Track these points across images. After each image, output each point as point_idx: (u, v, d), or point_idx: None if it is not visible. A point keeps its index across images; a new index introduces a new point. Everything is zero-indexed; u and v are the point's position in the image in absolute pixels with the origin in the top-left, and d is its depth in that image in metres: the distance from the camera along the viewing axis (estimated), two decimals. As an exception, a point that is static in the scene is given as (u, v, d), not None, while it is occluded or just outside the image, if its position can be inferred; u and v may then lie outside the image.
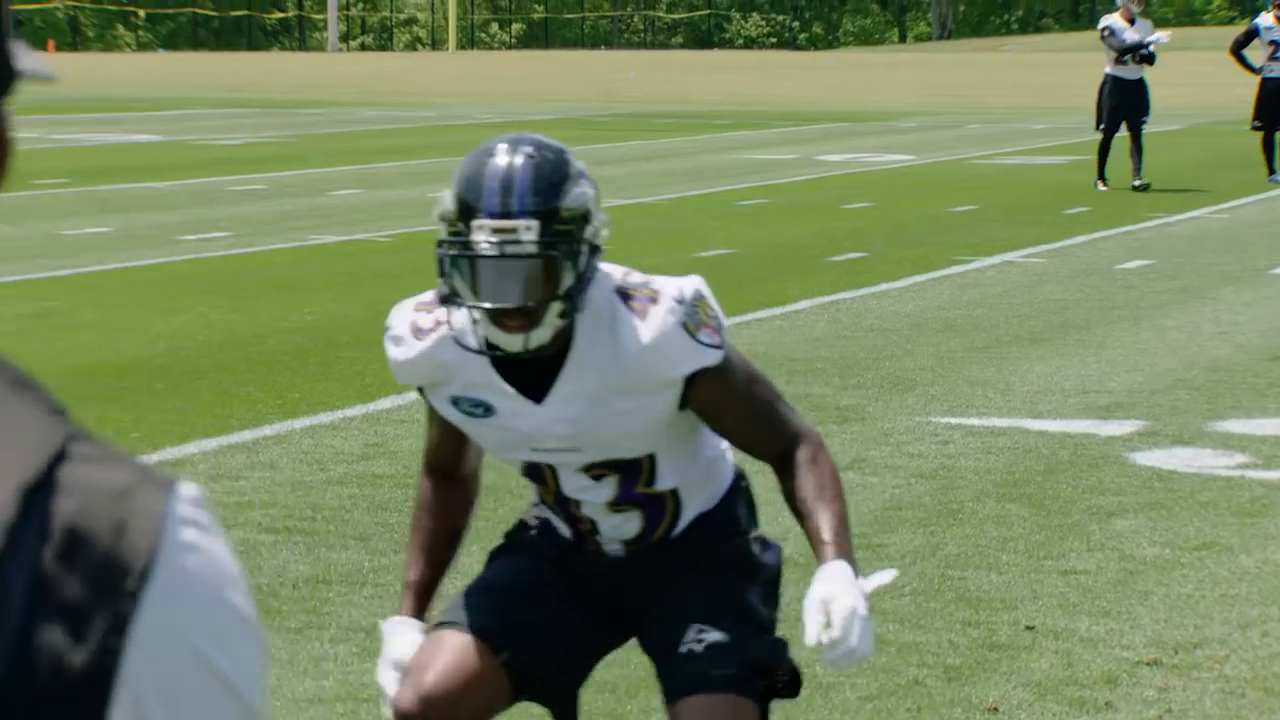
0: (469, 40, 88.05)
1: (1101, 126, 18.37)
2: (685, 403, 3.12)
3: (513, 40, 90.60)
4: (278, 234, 14.12)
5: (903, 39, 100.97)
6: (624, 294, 3.10)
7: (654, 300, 3.09)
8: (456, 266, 3.02)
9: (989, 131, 27.92)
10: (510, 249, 2.95)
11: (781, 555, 3.47)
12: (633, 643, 3.38)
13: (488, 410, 3.17)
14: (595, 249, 3.14)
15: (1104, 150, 18.27)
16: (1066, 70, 54.16)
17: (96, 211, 15.59)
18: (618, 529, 3.25)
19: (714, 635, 3.17)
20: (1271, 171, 18.79)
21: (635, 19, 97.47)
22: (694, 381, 3.09)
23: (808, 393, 8.14)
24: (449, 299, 3.05)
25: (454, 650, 3.21)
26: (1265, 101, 18.82)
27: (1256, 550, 5.79)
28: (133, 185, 18.04)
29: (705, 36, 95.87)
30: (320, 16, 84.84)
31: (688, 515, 3.32)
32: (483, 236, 2.98)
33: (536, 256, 2.96)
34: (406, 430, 7.37)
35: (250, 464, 6.78)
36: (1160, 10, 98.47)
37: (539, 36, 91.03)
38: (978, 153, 23.50)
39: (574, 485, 3.25)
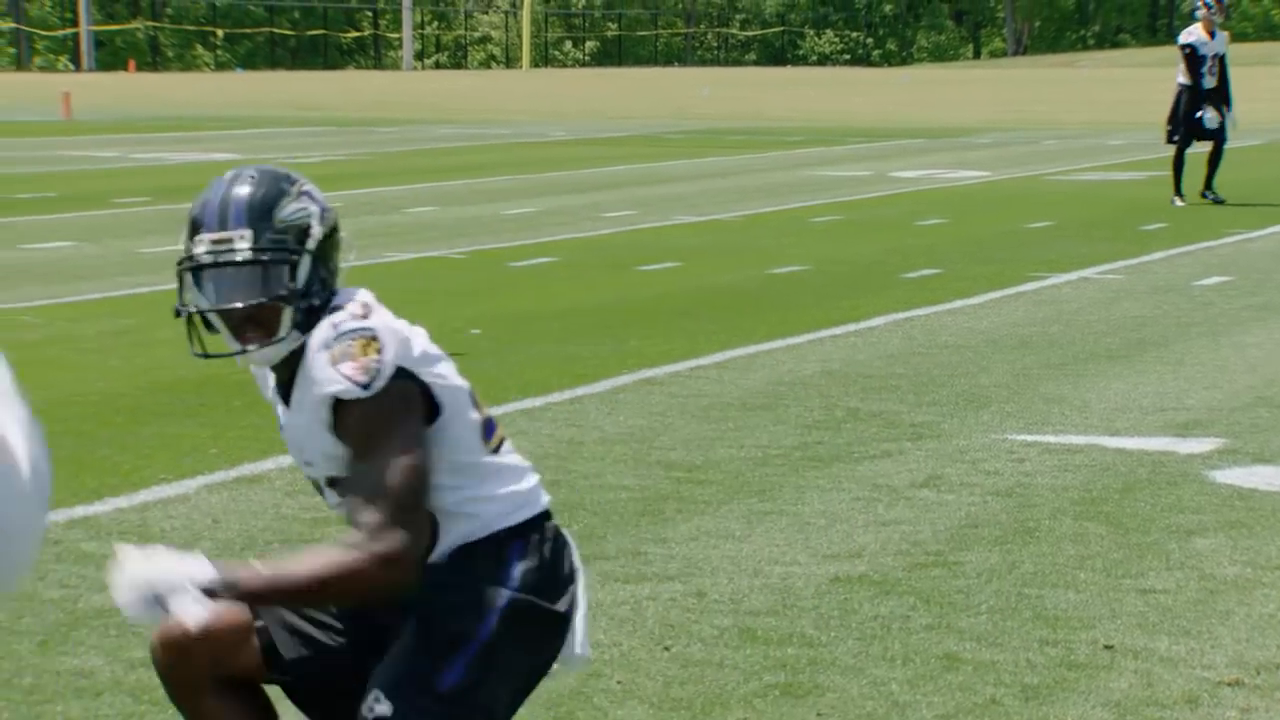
0: (543, 58, 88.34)
1: (1174, 139, 18.20)
2: (336, 429, 3.23)
3: (586, 58, 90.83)
4: (352, 251, 14.19)
5: (977, 55, 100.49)
6: (335, 310, 3.31)
7: (331, 321, 3.28)
8: (191, 280, 3.38)
9: (1065, 147, 27.75)
10: (224, 256, 3.29)
11: (508, 622, 3.27)
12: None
13: (278, 420, 3.47)
14: (322, 263, 3.40)
15: (1178, 165, 18.12)
16: (1143, 86, 53.73)
17: (175, 230, 15.70)
18: None
19: (382, 709, 3.20)
20: None
21: (709, 36, 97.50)
22: (338, 410, 3.20)
23: (882, 409, 8.11)
24: (178, 312, 3.42)
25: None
26: None
27: (1339, 570, 5.72)
28: (210, 203, 18.18)
29: (779, 53, 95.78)
30: (395, 35, 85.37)
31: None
32: (203, 249, 3.34)
33: (250, 263, 3.25)
34: (481, 447, 7.39)
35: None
36: (1239, 25, 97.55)
37: (612, 54, 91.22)
38: (1054, 169, 23.36)
39: (333, 501, 3.39)
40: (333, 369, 3.20)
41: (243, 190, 3.32)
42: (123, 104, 41.96)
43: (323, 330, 3.26)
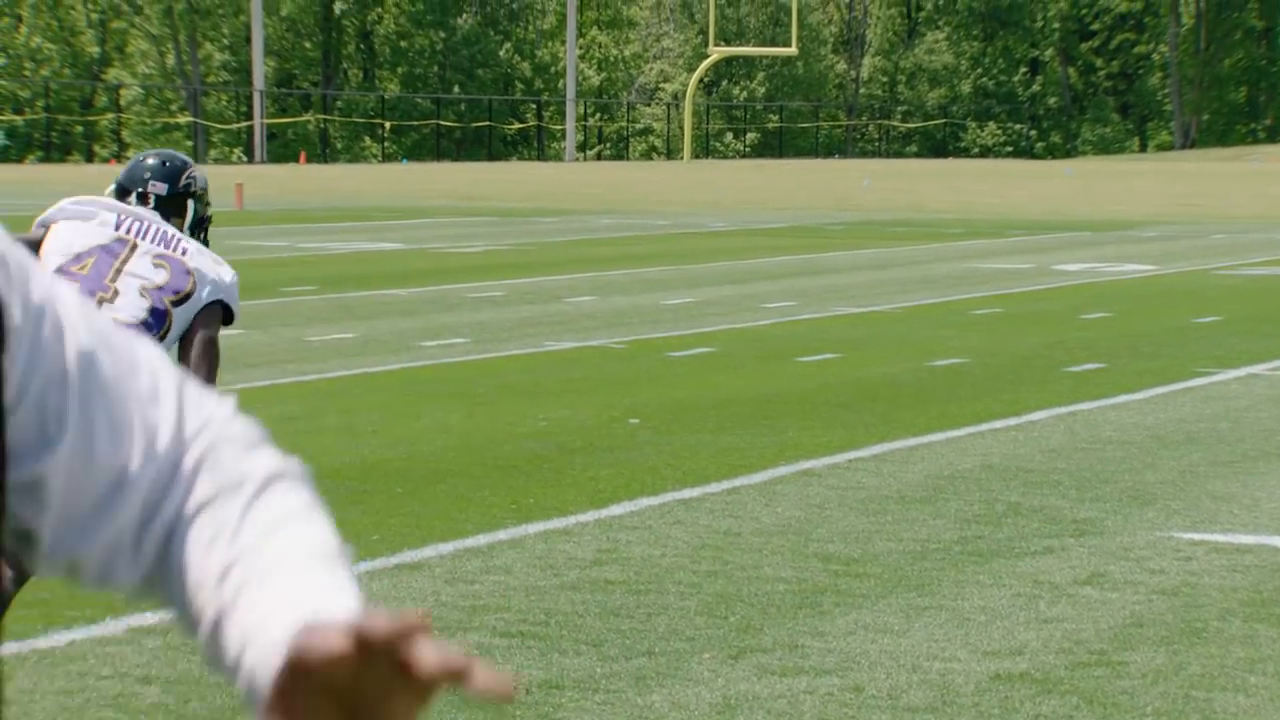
0: (703, 149, 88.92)
1: None
2: None
3: (746, 149, 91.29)
4: (514, 340, 14.35)
5: (1143, 148, 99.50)
6: None
7: None
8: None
9: (1234, 241, 27.32)
10: None
11: None
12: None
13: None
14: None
15: None
16: (1314, 179, 52.79)
17: (341, 318, 16.01)
18: None
19: None
20: None
21: (870, 128, 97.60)
22: None
23: (1043, 505, 8.00)
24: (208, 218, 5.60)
25: None
26: None
27: None
28: (375, 292, 18.50)
29: (940, 145, 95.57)
30: (558, 127, 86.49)
31: None
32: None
33: None
34: (639, 536, 7.40)
35: (485, 568, 6.87)
36: None
37: (773, 145, 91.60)
38: (1222, 263, 22.99)
39: None
40: None
41: None
42: (293, 195, 42.89)
43: None
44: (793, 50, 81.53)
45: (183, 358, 4.98)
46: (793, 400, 11.12)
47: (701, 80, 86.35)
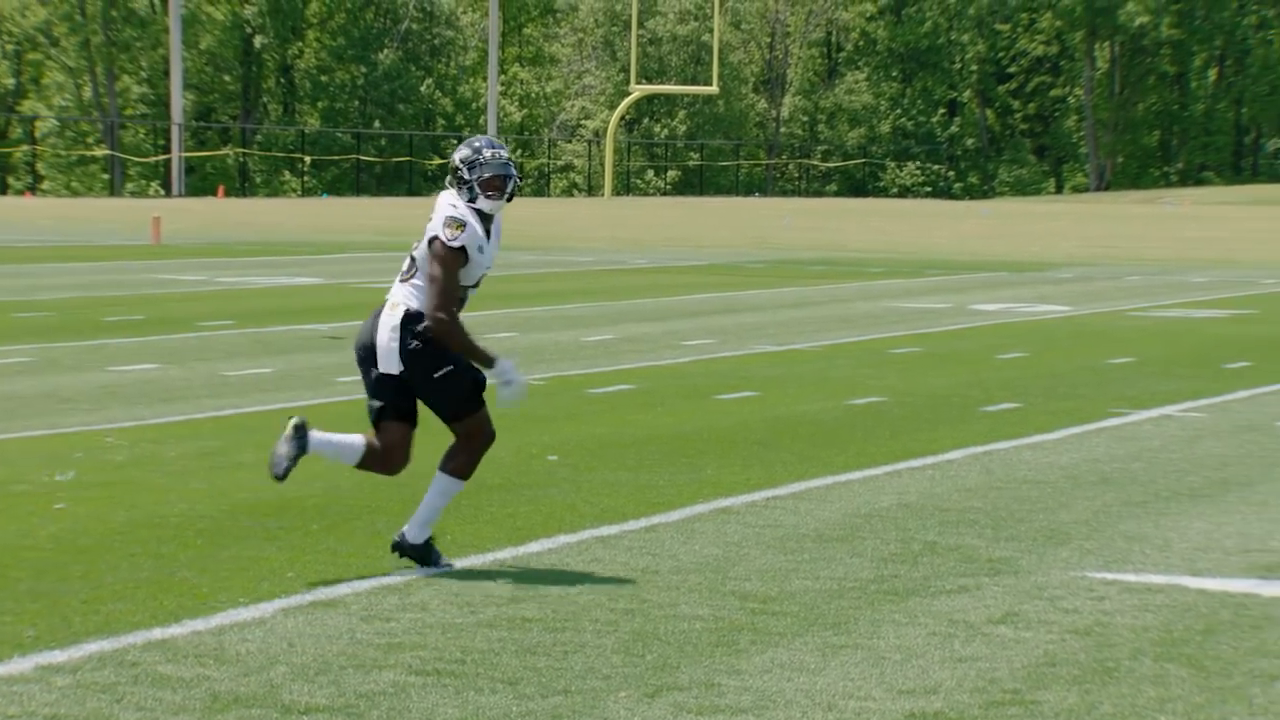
0: (625, 186, 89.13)
1: None
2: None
3: (667, 187, 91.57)
4: (434, 376, 14.30)
5: (1059, 190, 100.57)
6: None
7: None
8: (509, 180, 7.39)
9: (1148, 283, 27.66)
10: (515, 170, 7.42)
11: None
12: None
13: (482, 249, 7.29)
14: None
15: None
16: (1227, 223, 53.53)
17: (259, 353, 15.92)
18: None
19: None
20: None
21: (790, 167, 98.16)
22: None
23: (960, 544, 8.05)
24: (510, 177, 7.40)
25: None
26: None
27: None
28: (294, 327, 18.41)
29: (860, 184, 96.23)
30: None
31: None
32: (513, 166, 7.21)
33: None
34: (556, 574, 7.39)
35: (402, 605, 6.84)
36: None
37: (694, 183, 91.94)
38: (1136, 304, 23.27)
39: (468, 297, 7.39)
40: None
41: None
42: (211, 229, 42.62)
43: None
44: (714, 89, 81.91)
45: None
46: (712, 438, 11.14)
47: (623, 117, 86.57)
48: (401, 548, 7.34)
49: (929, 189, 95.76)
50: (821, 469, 10.00)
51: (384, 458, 7.35)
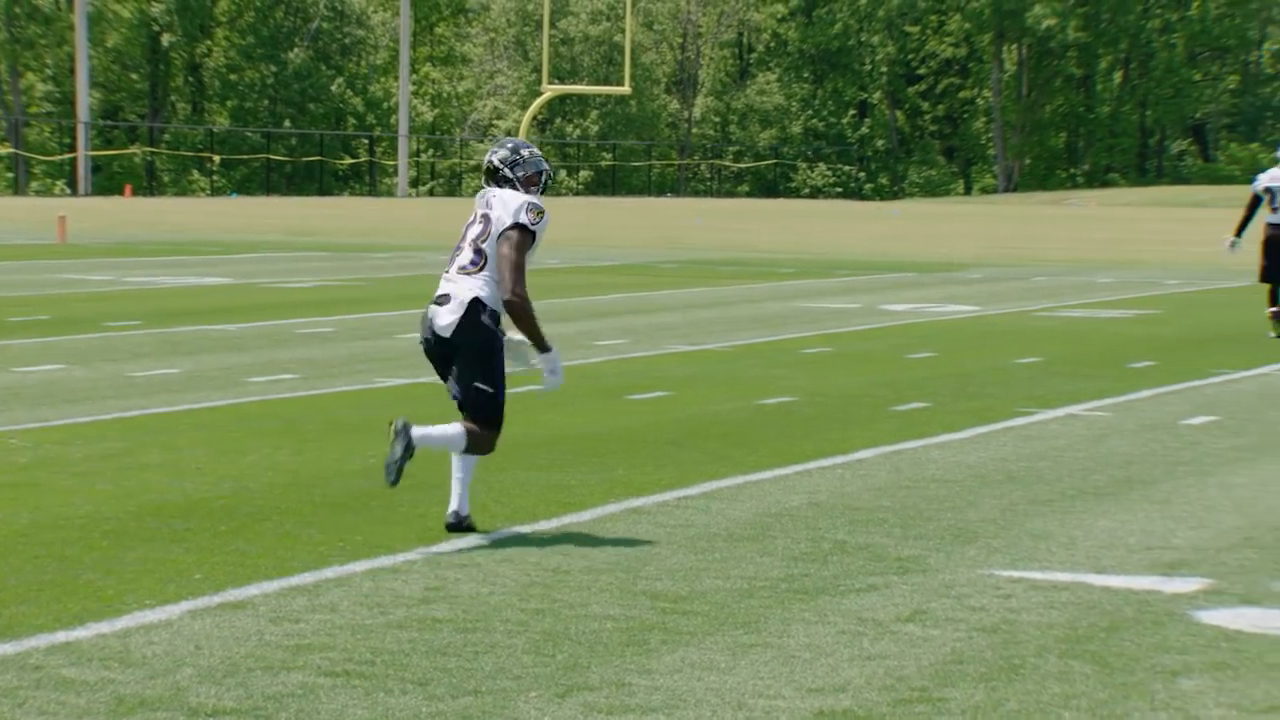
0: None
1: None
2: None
3: (580, 187, 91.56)
4: (344, 376, 14.25)
5: (968, 191, 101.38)
6: None
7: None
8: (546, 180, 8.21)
9: (1054, 284, 27.94)
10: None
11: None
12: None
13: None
14: None
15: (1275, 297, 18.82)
16: (1132, 225, 54.18)
17: (167, 353, 15.78)
18: None
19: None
20: None
21: (702, 168, 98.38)
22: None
23: (869, 543, 8.10)
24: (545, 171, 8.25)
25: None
26: None
27: (1325, 712, 5.70)
28: (204, 327, 18.26)
29: (771, 185, 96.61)
30: (391, 162, 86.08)
31: None
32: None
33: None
34: (467, 574, 7.38)
35: (311, 606, 6.80)
36: (1227, 167, 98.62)
37: (606, 183, 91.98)
38: (1043, 305, 23.50)
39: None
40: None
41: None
42: (117, 228, 42.19)
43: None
44: (626, 89, 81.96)
45: None
46: (623, 438, 11.15)
47: (535, 117, 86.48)
48: (459, 524, 8.04)
49: (840, 190, 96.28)
50: (732, 469, 10.03)
51: (489, 443, 8.08)
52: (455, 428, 8.01)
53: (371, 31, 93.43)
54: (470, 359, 8.00)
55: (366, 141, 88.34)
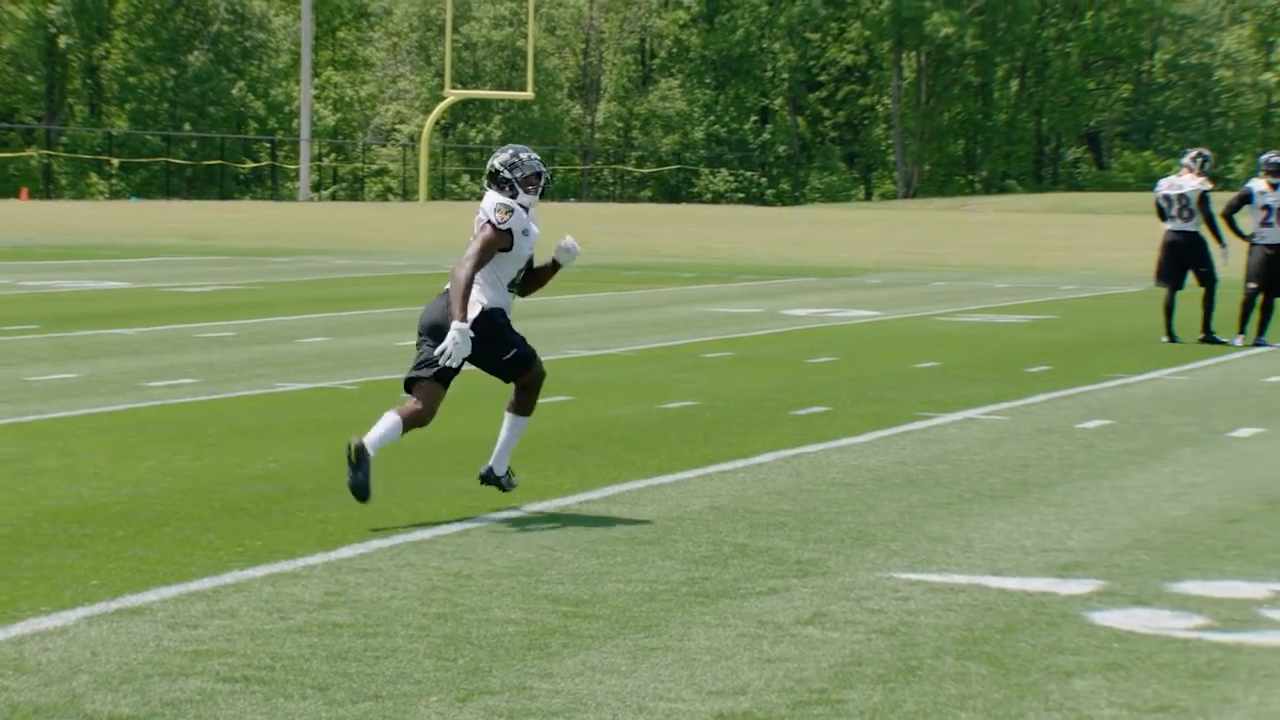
0: (439, 191, 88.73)
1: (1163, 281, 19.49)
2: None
3: (483, 192, 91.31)
4: (245, 381, 14.16)
5: (868, 197, 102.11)
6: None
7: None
8: (539, 185, 8.92)
9: (952, 289, 28.21)
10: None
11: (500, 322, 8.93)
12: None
13: (526, 233, 8.76)
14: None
15: (1170, 306, 19.09)
16: (1028, 230, 54.78)
17: (64, 358, 15.61)
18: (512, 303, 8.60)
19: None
20: (1241, 335, 19.06)
21: (605, 172, 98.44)
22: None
23: (769, 546, 8.16)
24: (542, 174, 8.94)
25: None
26: (1256, 266, 19.20)
27: (1214, 713, 5.81)
28: (101, 332, 18.08)
29: (674, 190, 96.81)
30: (292, 166, 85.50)
31: None
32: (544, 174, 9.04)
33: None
34: (368, 579, 7.36)
35: (209, 612, 6.76)
36: (1120, 175, 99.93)
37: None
38: (941, 309, 23.72)
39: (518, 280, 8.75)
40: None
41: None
42: (14, 232, 41.64)
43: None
44: (529, 94, 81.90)
45: None
46: (525, 442, 11.13)
47: (438, 122, 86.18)
48: (488, 479, 8.93)
49: (742, 195, 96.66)
50: (634, 473, 10.07)
51: (425, 414, 8.76)
52: (391, 419, 8.60)
53: (273, 35, 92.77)
54: (487, 346, 8.79)
55: (268, 145, 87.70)
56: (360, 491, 8.40)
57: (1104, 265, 35.88)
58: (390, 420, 8.59)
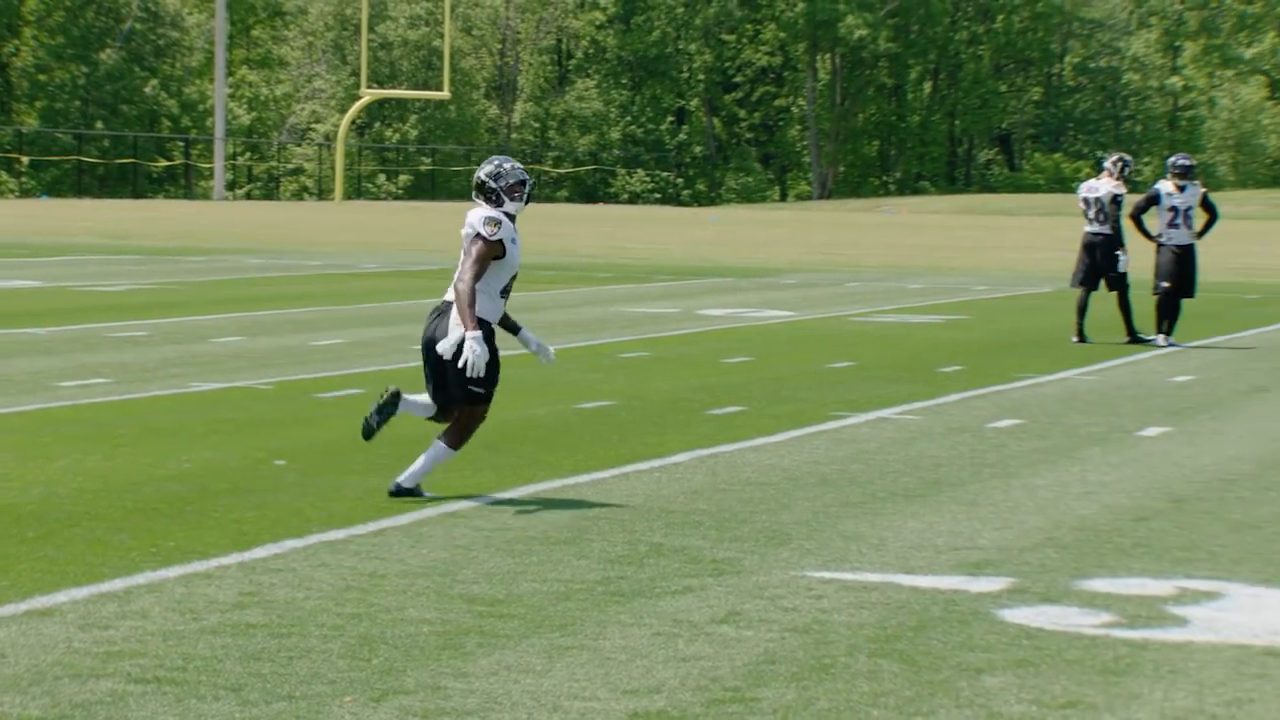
0: (356, 191, 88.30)
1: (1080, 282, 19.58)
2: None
3: (399, 191, 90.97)
4: (158, 381, 14.05)
5: (784, 197, 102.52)
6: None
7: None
8: (526, 191, 9.38)
9: (867, 289, 28.39)
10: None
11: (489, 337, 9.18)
12: None
13: (514, 241, 9.23)
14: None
15: (1082, 308, 19.38)
16: (941, 232, 55.20)
17: (-28, 356, 15.41)
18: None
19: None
20: (1162, 334, 19.30)
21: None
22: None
23: (685, 545, 8.20)
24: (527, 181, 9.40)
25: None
26: (1165, 267, 19.44)
27: (1120, 709, 5.89)
28: (11, 331, 17.88)
29: (591, 191, 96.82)
30: (207, 165, 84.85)
31: None
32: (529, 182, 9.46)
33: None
34: (282, 579, 7.33)
35: (121, 613, 6.72)
36: (1032, 176, 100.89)
37: (425, 188, 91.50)
38: (855, 310, 23.87)
39: (509, 287, 9.26)
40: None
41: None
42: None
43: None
44: (445, 94, 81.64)
45: None
46: (440, 443, 11.13)
47: (354, 122, 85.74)
48: (399, 494, 9.14)
49: (658, 196, 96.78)
50: (550, 472, 10.08)
51: (478, 417, 9.30)
52: (439, 449, 9.19)
53: (186, 33, 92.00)
54: (457, 373, 9.09)
55: (182, 144, 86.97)
56: (366, 431, 9.21)
57: (1016, 266, 36.21)
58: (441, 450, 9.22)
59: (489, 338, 9.16)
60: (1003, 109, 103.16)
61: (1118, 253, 19.36)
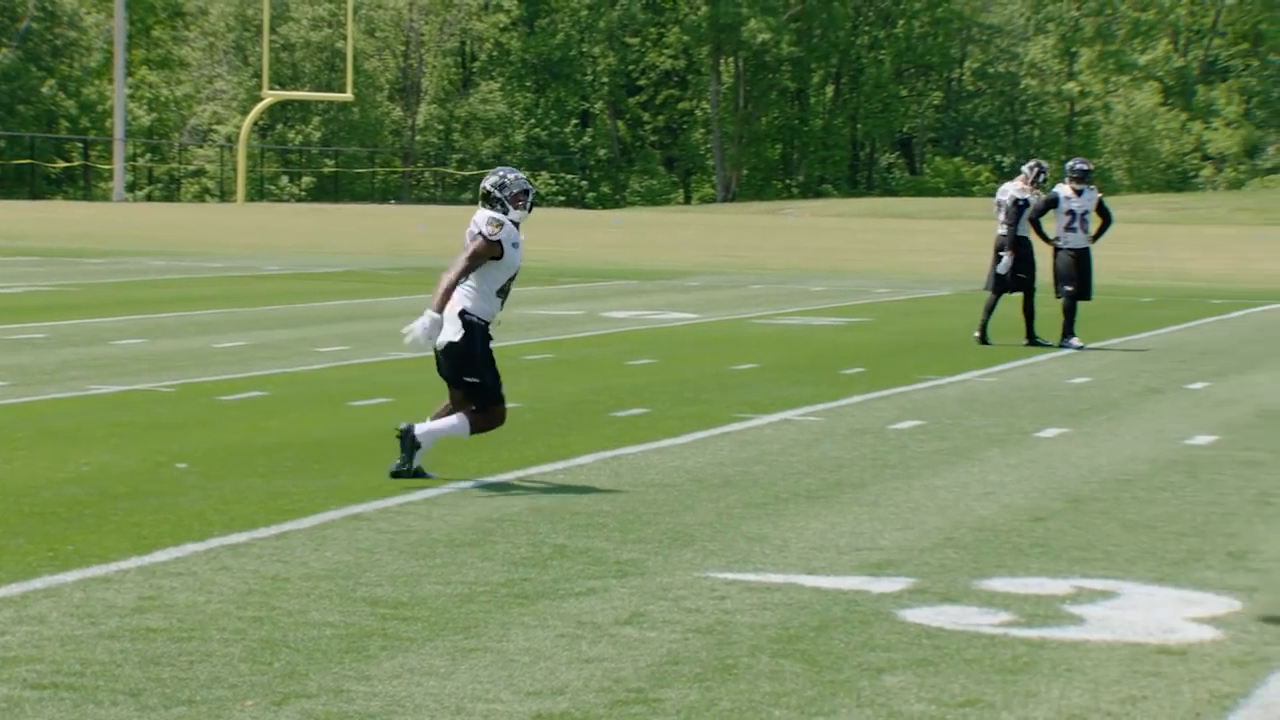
0: (258, 193, 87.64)
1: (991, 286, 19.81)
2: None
3: (302, 193, 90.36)
4: (56, 383, 13.89)
5: (688, 200, 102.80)
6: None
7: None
8: (529, 201, 10.01)
9: (770, 292, 28.52)
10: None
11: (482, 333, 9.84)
12: None
13: (515, 245, 9.89)
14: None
15: (989, 309, 19.60)
16: (843, 234, 55.56)
17: None
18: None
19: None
20: (1066, 336, 19.53)
21: (426, 175, 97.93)
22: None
23: (589, 546, 8.21)
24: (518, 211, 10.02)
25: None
26: (1064, 270, 19.67)
27: (1018, 707, 5.97)
28: (-96, 333, 17.60)
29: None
30: (106, 166, 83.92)
31: None
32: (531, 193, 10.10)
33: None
34: (183, 583, 7.28)
35: (17, 618, 6.64)
36: (932, 180, 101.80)
37: (329, 190, 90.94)
38: (759, 312, 23.99)
39: (508, 288, 9.92)
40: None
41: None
42: None
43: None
44: (348, 96, 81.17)
45: None
46: (344, 444, 11.10)
47: (256, 123, 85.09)
48: (406, 434, 9.76)
49: (563, 198, 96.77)
50: (454, 474, 10.06)
51: (494, 418, 9.96)
52: (457, 418, 9.80)
53: (85, 33, 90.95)
54: (455, 358, 9.76)
55: (81, 145, 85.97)
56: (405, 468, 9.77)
57: (917, 269, 36.51)
58: (459, 421, 9.82)
59: (485, 337, 9.74)
60: (904, 113, 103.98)
61: (1001, 253, 19.57)
